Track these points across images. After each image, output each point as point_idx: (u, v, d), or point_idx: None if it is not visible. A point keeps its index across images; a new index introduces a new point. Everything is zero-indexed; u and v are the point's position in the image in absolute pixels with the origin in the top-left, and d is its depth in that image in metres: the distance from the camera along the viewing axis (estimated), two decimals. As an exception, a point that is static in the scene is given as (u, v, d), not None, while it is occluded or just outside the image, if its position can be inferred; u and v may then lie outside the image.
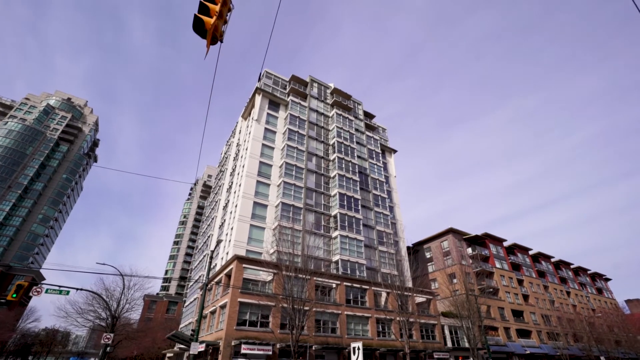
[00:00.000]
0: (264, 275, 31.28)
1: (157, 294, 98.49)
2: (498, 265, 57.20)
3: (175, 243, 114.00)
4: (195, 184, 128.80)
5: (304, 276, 27.89)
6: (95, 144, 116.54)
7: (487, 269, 53.88)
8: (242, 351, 24.35)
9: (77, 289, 23.17)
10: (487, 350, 35.61)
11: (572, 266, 76.90)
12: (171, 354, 46.86)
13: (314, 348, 27.82)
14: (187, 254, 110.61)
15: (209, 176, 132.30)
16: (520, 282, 59.23)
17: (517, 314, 53.43)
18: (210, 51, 5.93)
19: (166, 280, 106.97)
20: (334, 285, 33.82)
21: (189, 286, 53.42)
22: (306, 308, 25.88)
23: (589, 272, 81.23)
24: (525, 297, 57.73)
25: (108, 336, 23.36)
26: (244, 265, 29.24)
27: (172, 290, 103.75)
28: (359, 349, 9.14)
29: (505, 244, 63.31)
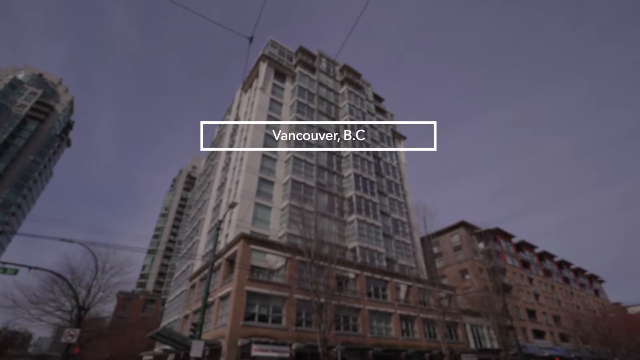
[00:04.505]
0: (273, 261, 25.91)
1: (133, 291, 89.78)
2: (509, 262, 54.07)
3: (155, 237, 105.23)
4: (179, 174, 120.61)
5: (326, 264, 22.85)
6: (69, 125, 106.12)
7: (501, 265, 50.49)
8: (253, 353, 18.91)
9: (31, 268, 17.11)
10: (519, 351, 31.74)
11: (572, 266, 75.43)
12: (150, 356, 40.21)
13: (335, 349, 22.71)
14: (167, 249, 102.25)
15: (194, 167, 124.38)
16: (530, 280, 56.35)
17: (530, 314, 50.30)
18: None
19: (143, 276, 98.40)
20: (352, 276, 28.84)
21: (174, 278, 46.89)
22: (334, 302, 20.95)
23: (586, 273, 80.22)
24: (536, 296, 54.84)
25: (72, 332, 17.32)
26: (251, 246, 23.74)
27: (150, 287, 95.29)
28: None
29: (513, 240, 60.47)
